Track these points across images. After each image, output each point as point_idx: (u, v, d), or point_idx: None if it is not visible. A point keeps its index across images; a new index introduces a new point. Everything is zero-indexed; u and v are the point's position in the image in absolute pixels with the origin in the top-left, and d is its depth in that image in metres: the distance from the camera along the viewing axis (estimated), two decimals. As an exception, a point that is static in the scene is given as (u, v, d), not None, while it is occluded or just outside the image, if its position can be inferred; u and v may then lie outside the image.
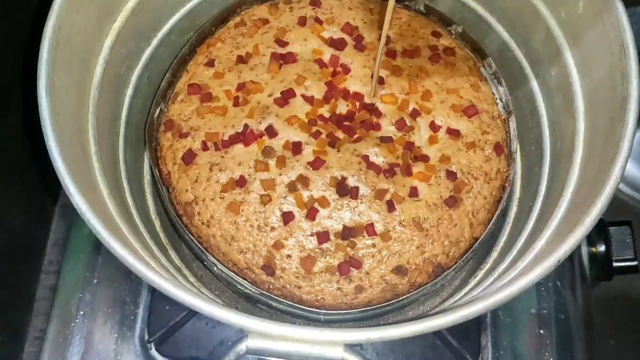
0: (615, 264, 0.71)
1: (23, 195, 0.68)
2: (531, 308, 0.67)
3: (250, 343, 0.35)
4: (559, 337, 0.66)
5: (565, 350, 0.66)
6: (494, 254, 0.55)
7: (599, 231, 0.72)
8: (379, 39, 0.55)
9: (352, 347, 0.36)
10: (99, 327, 0.65)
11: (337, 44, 0.55)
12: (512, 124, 0.55)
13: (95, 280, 0.66)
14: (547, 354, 0.65)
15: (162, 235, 0.55)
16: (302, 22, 0.56)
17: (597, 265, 0.72)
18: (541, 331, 0.66)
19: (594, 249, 0.72)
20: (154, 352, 0.63)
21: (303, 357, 0.34)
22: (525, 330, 0.66)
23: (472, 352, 0.64)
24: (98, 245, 0.67)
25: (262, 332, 0.34)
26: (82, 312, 0.65)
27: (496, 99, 0.56)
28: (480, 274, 0.54)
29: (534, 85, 0.55)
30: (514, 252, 0.49)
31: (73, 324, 0.64)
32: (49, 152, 0.38)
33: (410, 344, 0.65)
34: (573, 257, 0.70)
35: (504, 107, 0.55)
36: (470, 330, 0.66)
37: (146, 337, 0.63)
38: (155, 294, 0.65)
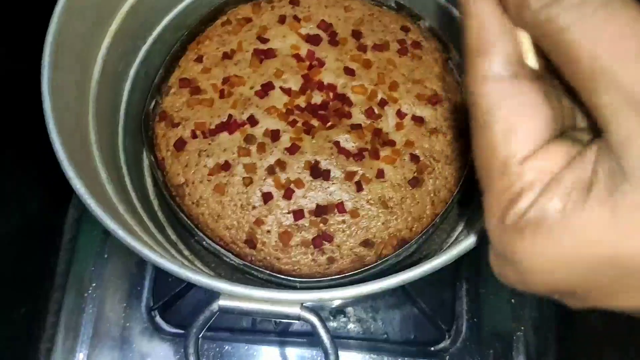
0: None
1: (41, 179, 0.74)
2: (504, 279, 0.72)
3: (221, 302, 0.41)
4: (530, 306, 0.72)
5: (535, 318, 0.71)
6: (460, 227, 0.60)
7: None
8: (352, 35, 0.61)
9: (313, 314, 0.42)
10: (110, 297, 0.72)
11: (313, 40, 0.60)
12: (474, 110, 0.60)
13: (106, 255, 0.74)
14: (518, 322, 0.71)
15: (159, 214, 0.61)
16: (282, 20, 0.61)
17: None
18: (513, 300, 0.72)
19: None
20: (158, 319, 0.71)
21: (267, 314, 0.41)
22: (498, 300, 0.72)
23: (447, 320, 0.70)
24: (108, 224, 0.74)
25: (230, 293, 0.40)
26: (94, 284, 0.73)
27: (460, 88, 0.61)
28: (445, 246, 0.60)
29: (495, 74, 0.60)
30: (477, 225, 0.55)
31: (86, 294, 0.72)
32: (52, 144, 0.45)
33: (390, 312, 0.72)
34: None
35: (467, 95, 0.60)
36: (445, 299, 0.72)
37: (151, 304, 0.71)
38: (159, 267, 0.72)
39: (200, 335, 0.42)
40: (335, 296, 0.40)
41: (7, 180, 0.67)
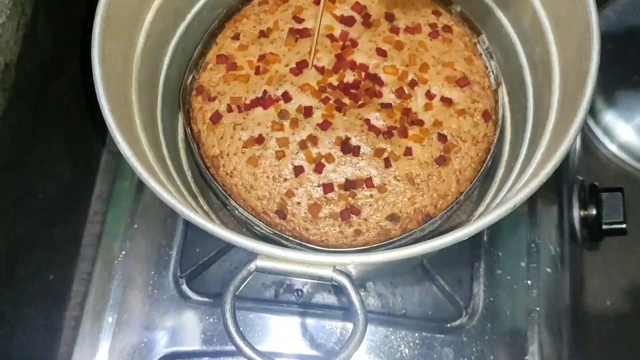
0: (604, 227, 0.77)
1: (72, 151, 0.77)
2: (521, 262, 0.74)
3: (259, 262, 0.43)
4: (545, 287, 0.73)
5: (550, 299, 0.73)
6: (481, 208, 0.62)
7: (592, 196, 0.79)
8: (385, 17, 0.63)
9: (345, 276, 0.44)
10: (138, 266, 0.75)
11: (347, 21, 0.62)
12: (501, 94, 0.62)
13: (136, 226, 0.76)
14: (532, 302, 0.73)
15: (192, 184, 0.64)
16: (317, 1, 0.63)
17: (588, 227, 0.78)
18: (528, 282, 0.74)
19: (585, 212, 0.79)
20: (185, 287, 0.73)
21: (301, 274, 0.43)
22: (514, 280, 0.74)
23: (464, 298, 0.73)
24: (138, 195, 0.77)
25: (268, 254, 0.43)
26: (123, 252, 0.75)
27: (488, 71, 0.63)
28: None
29: (523, 60, 0.62)
30: (493, 205, 0.57)
31: (116, 262, 0.75)
32: (101, 110, 0.47)
33: (409, 288, 0.74)
34: (563, 218, 0.77)
35: (494, 79, 0.62)
36: (463, 278, 0.74)
37: (178, 274, 0.73)
38: (187, 238, 0.75)
39: (237, 293, 0.45)
40: (368, 260, 0.43)
41: (43, 152, 0.69)
